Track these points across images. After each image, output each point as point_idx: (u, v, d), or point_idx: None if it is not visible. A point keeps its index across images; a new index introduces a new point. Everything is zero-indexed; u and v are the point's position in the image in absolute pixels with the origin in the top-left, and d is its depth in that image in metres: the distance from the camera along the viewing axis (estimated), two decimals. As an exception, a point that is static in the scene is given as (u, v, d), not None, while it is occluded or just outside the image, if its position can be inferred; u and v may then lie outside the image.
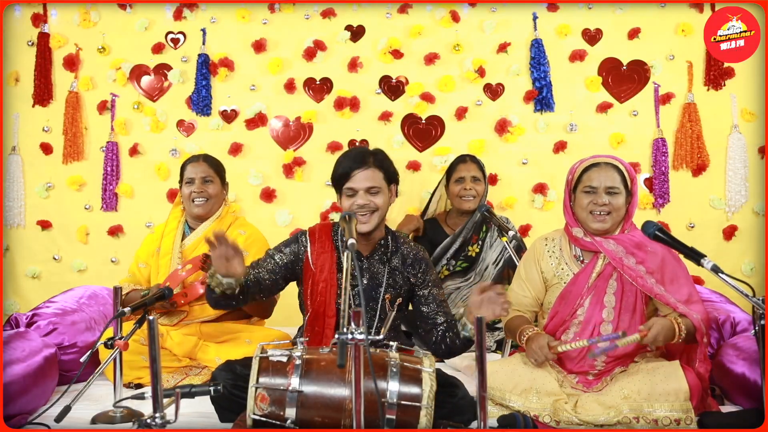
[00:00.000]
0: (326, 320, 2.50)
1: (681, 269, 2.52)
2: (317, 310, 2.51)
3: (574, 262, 2.59)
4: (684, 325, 2.34)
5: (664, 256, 2.51)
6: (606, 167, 2.54)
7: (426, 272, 2.58)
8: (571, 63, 4.00)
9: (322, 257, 2.54)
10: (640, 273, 2.48)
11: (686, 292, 2.46)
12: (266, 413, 2.01)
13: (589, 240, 2.55)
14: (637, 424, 2.27)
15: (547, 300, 2.63)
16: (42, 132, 4.08)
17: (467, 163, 3.50)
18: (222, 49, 4.07)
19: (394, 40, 4.02)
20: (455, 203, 3.47)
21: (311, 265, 2.53)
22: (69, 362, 2.92)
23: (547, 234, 2.72)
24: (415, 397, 2.01)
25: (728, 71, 3.92)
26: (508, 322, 2.64)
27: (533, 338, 2.44)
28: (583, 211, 2.54)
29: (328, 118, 4.05)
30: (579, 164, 2.62)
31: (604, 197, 2.50)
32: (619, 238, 2.53)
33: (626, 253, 2.51)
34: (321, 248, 2.55)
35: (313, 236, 2.58)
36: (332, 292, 2.50)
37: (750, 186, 3.90)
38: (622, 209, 2.54)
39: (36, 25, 4.09)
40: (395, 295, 2.53)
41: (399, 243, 2.61)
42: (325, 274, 2.51)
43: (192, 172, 3.17)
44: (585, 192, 2.54)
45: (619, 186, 2.51)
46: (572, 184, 2.61)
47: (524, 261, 2.70)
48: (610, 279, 2.52)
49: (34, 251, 4.07)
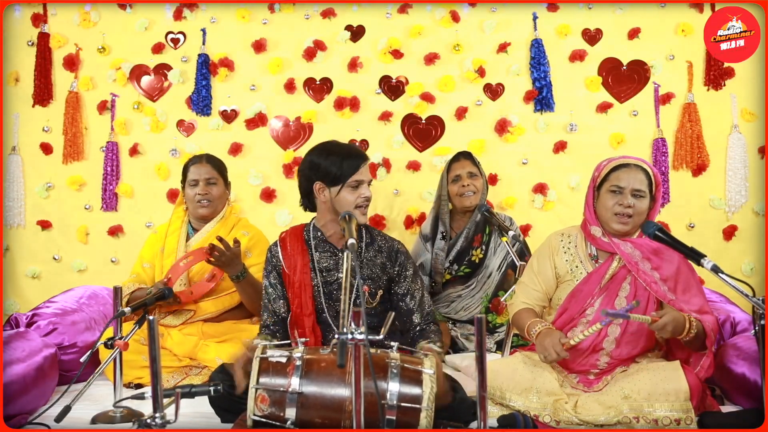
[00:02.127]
0: (304, 319, 2.51)
1: (694, 279, 2.50)
2: (296, 311, 2.54)
3: (589, 261, 2.57)
4: (696, 325, 2.31)
5: (679, 264, 2.48)
6: (635, 169, 2.51)
7: (403, 266, 2.58)
8: (571, 63, 4.00)
9: (294, 258, 2.57)
10: (654, 279, 2.46)
11: (698, 303, 2.44)
12: (266, 414, 2.01)
13: (607, 240, 2.53)
14: (637, 424, 2.27)
15: (556, 296, 2.61)
16: (42, 132, 4.08)
17: (461, 161, 3.49)
18: (222, 49, 4.07)
19: (394, 40, 4.02)
20: (456, 203, 3.46)
21: (285, 269, 2.57)
22: (69, 362, 2.93)
23: (564, 229, 2.70)
24: (415, 399, 2.01)
25: (728, 71, 3.91)
26: (515, 315, 2.62)
27: (545, 334, 2.42)
28: (606, 211, 2.51)
29: (328, 118, 4.05)
30: (607, 162, 2.59)
31: (630, 199, 2.47)
32: (637, 242, 2.51)
33: (642, 257, 2.48)
34: (293, 250, 2.60)
35: (284, 242, 2.63)
36: (307, 290, 2.53)
37: (750, 186, 3.90)
38: (644, 213, 2.51)
39: (36, 25, 4.09)
40: (375, 287, 2.53)
41: (373, 235, 2.62)
42: (298, 275, 2.55)
43: (196, 173, 3.18)
44: (611, 191, 2.51)
45: (645, 189, 2.49)
46: (597, 181, 2.59)
47: (538, 254, 2.68)
48: (623, 282, 2.51)
49: (34, 251, 4.07)
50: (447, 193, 3.46)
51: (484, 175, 3.52)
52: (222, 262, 2.85)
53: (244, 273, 2.92)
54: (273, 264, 2.62)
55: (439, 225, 3.47)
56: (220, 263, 2.85)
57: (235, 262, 2.87)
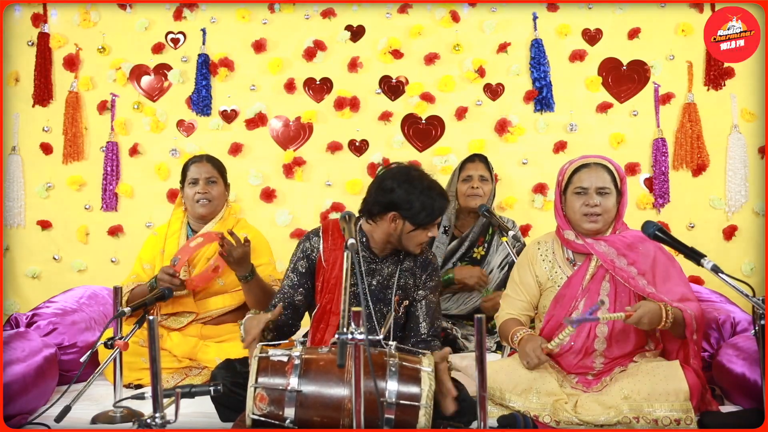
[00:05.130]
0: (331, 317, 2.50)
1: (674, 268, 2.52)
2: (324, 306, 2.51)
3: (567, 265, 2.59)
4: (672, 313, 2.33)
5: (656, 255, 2.51)
6: (596, 168, 2.54)
7: (430, 277, 2.57)
8: (571, 63, 4.00)
9: (335, 253, 2.52)
10: (631, 274, 2.48)
11: (680, 291, 2.46)
12: (265, 413, 2.01)
13: (581, 242, 2.55)
14: (637, 424, 2.27)
15: (541, 304, 2.63)
16: (42, 132, 4.08)
17: (476, 162, 3.50)
18: (222, 49, 4.07)
19: (394, 40, 4.02)
20: (462, 201, 3.47)
21: (323, 262, 2.53)
22: (69, 362, 2.93)
23: (539, 238, 2.73)
24: (414, 397, 2.01)
25: (728, 71, 3.91)
26: (501, 325, 2.64)
27: (526, 340, 2.44)
28: (575, 213, 2.54)
29: (328, 118, 4.05)
30: (568, 165, 2.62)
31: (596, 198, 2.50)
32: (610, 240, 2.53)
33: (617, 254, 2.51)
34: (334, 244, 2.55)
35: (326, 233, 2.58)
36: (341, 289, 2.51)
37: (750, 186, 3.90)
38: (613, 210, 2.54)
39: (36, 25, 4.09)
40: (404, 297, 2.53)
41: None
42: (336, 271, 2.51)
43: (196, 172, 3.17)
44: (576, 193, 2.54)
45: (610, 186, 2.51)
46: (562, 185, 2.61)
47: (518, 265, 2.70)
48: (602, 281, 2.53)
49: (34, 251, 4.07)
50: (455, 191, 3.47)
51: (495, 181, 3.53)
52: (233, 258, 2.78)
53: (252, 273, 2.86)
54: (307, 253, 2.55)
55: (443, 219, 3.48)
56: (230, 258, 2.79)
57: (245, 260, 2.81)
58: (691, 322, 2.36)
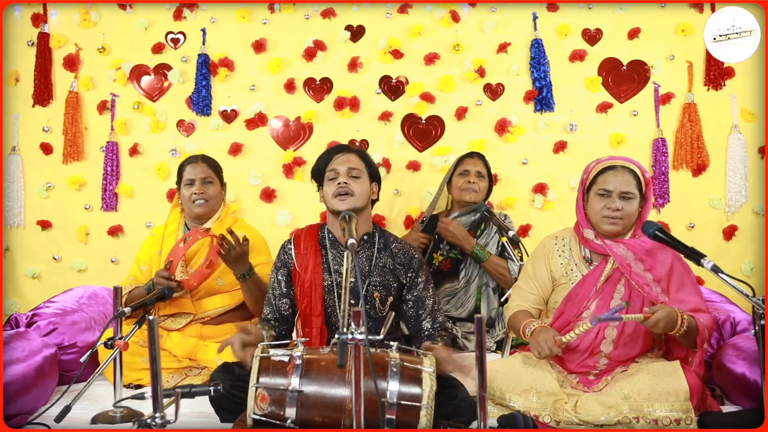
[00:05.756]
0: (312, 320, 2.51)
1: (689, 279, 2.50)
2: (304, 310, 2.53)
3: (583, 263, 2.57)
4: (687, 321, 2.32)
5: (672, 264, 2.48)
6: (622, 171, 2.50)
7: (417, 273, 2.57)
8: (571, 63, 4.00)
9: (306, 257, 2.57)
10: (647, 280, 2.45)
11: (693, 301, 2.44)
12: (266, 413, 2.01)
13: (599, 243, 2.52)
14: (637, 424, 2.27)
15: (552, 299, 2.61)
16: (42, 132, 4.08)
17: (474, 158, 3.53)
18: (222, 49, 4.07)
19: (394, 40, 4.02)
20: (456, 195, 3.48)
21: (297, 268, 2.57)
22: (69, 362, 2.93)
23: (557, 232, 2.70)
24: (415, 397, 2.01)
25: (728, 71, 3.91)
26: (511, 317, 2.63)
27: (539, 331, 2.43)
28: (595, 214, 2.51)
29: (328, 118, 4.05)
30: (595, 164, 2.58)
31: (618, 202, 2.46)
32: (630, 243, 2.51)
33: (635, 258, 2.48)
34: (306, 249, 2.59)
35: (298, 239, 2.63)
36: (317, 290, 2.52)
37: (750, 186, 3.89)
38: (635, 214, 2.51)
39: (36, 25, 4.09)
40: (385, 294, 2.53)
41: (389, 240, 2.61)
42: (309, 274, 2.54)
43: (191, 173, 3.17)
44: (599, 195, 2.51)
45: (634, 191, 2.48)
46: (586, 184, 2.58)
47: (533, 258, 2.68)
48: (618, 284, 2.51)
49: (34, 251, 4.07)
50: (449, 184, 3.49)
51: (491, 180, 3.54)
52: (232, 257, 2.78)
53: (250, 272, 2.87)
54: (284, 261, 2.62)
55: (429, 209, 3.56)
56: (229, 257, 2.79)
57: (243, 259, 2.82)
58: (703, 331, 2.34)
